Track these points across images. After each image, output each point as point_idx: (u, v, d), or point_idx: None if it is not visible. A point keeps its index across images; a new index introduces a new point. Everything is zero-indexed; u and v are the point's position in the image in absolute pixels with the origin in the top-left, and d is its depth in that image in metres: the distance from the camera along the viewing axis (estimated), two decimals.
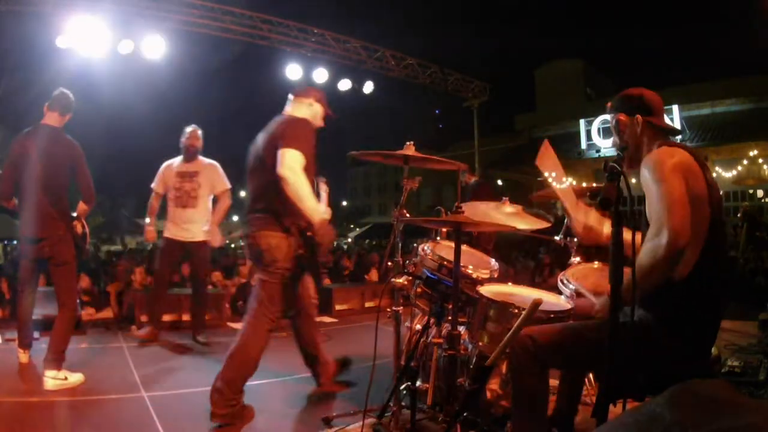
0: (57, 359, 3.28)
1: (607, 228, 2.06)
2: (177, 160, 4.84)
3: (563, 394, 2.31)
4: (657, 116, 1.95)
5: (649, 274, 1.66)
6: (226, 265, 8.24)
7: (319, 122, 3.12)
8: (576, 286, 2.27)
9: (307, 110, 3.07)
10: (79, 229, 3.60)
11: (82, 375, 3.36)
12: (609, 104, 2.06)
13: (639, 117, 1.90)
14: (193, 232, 4.70)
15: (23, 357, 3.64)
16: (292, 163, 2.68)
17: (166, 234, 4.78)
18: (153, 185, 4.86)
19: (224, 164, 4.93)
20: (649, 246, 1.68)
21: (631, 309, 1.60)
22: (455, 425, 2.13)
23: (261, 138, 2.97)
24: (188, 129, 4.82)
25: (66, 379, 3.25)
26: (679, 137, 3.20)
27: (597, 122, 18.54)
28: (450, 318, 2.24)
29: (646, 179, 1.78)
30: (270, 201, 2.84)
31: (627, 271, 1.51)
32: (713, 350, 2.93)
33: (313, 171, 2.91)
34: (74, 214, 3.63)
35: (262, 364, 2.79)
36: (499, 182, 20.67)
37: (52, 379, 3.21)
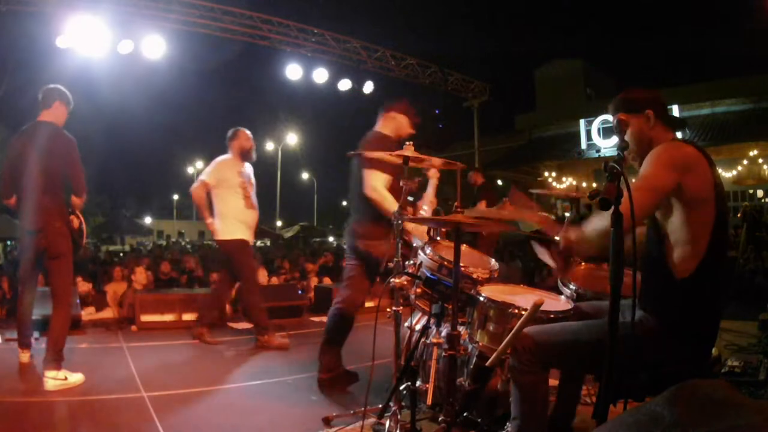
0: (56, 359, 3.27)
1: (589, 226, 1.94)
2: (231, 159, 4.64)
3: (561, 395, 2.31)
4: (664, 111, 1.98)
5: (594, 236, 1.79)
6: None
7: (407, 130, 3.42)
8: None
9: (392, 123, 3.41)
10: (76, 223, 3.60)
11: (82, 375, 3.35)
12: (612, 107, 2.04)
13: (650, 112, 1.92)
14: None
15: (23, 357, 3.63)
16: (374, 184, 3.09)
17: (243, 236, 4.51)
18: (205, 178, 4.51)
19: None
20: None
21: (632, 309, 1.60)
22: (455, 425, 2.13)
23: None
24: (238, 130, 4.66)
25: (66, 379, 3.25)
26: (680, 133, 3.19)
27: (597, 122, 18.53)
28: (450, 318, 2.24)
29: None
30: (368, 212, 3.16)
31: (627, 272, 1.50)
32: (713, 350, 2.92)
33: (398, 174, 2.95)
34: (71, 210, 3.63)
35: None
36: (499, 182, 20.66)
37: (52, 379, 3.20)
